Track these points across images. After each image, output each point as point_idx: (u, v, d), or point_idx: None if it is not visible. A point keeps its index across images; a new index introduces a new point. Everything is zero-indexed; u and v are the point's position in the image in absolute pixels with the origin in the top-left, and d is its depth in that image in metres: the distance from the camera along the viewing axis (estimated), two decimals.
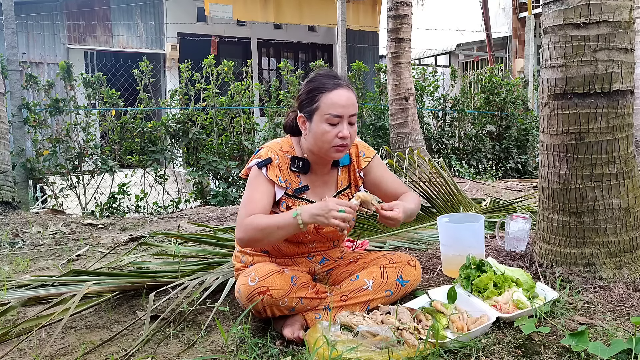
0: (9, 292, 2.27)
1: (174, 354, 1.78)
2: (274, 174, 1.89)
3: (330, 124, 1.82)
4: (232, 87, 6.40)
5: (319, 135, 1.84)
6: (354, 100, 1.86)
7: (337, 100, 1.82)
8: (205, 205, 5.73)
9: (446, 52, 13.91)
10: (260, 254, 2.00)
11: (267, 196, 1.87)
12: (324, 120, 1.82)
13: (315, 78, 1.90)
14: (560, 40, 2.05)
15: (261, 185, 1.88)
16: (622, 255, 2.07)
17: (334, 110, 1.81)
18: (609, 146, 2.03)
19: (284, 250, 1.98)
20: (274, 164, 1.90)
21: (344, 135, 1.82)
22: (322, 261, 2.05)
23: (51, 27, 9.95)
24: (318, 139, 1.85)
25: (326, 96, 1.83)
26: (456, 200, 3.20)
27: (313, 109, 1.84)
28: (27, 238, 3.92)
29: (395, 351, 1.55)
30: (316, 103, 1.83)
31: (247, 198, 1.87)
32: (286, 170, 1.92)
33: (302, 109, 1.89)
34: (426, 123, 7.64)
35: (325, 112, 1.82)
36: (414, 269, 1.99)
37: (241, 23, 11.58)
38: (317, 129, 1.84)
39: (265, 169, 1.88)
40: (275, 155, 1.91)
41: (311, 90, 1.86)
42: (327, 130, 1.82)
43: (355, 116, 1.87)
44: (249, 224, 1.79)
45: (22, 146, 5.56)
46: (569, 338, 1.55)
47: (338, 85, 1.85)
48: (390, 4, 6.07)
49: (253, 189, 1.88)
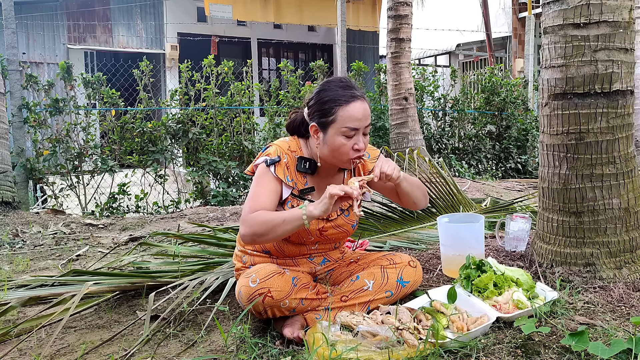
0: (9, 292, 2.27)
1: (174, 354, 1.78)
2: (282, 172, 1.88)
3: (347, 137, 1.81)
4: (232, 87, 6.41)
5: (336, 147, 1.83)
6: (369, 112, 1.86)
7: (355, 113, 1.81)
8: (205, 205, 5.73)
9: (446, 52, 13.91)
10: (261, 254, 1.99)
11: (273, 194, 1.86)
12: (340, 133, 1.81)
13: (330, 87, 1.86)
14: (560, 40, 2.05)
15: (268, 183, 1.87)
16: (622, 255, 2.06)
17: (351, 124, 1.80)
18: (609, 146, 2.03)
19: (286, 251, 1.97)
20: (282, 162, 1.89)
21: (359, 147, 1.83)
22: (323, 262, 2.05)
23: (51, 27, 9.95)
24: (335, 151, 1.84)
25: (343, 109, 1.80)
26: (456, 200, 3.20)
27: (329, 121, 1.82)
28: (27, 238, 3.92)
29: (395, 351, 1.55)
30: (332, 116, 1.81)
31: (253, 194, 1.86)
32: (293, 170, 1.91)
33: (315, 118, 1.86)
34: (426, 123, 7.64)
35: (342, 126, 1.80)
36: (414, 270, 1.99)
37: (241, 23, 11.58)
38: (332, 141, 1.83)
39: (274, 167, 1.87)
40: (283, 154, 1.91)
41: (326, 101, 1.83)
42: (344, 143, 1.81)
43: (369, 126, 1.87)
44: (253, 219, 1.78)
45: (22, 146, 5.56)
46: (569, 338, 1.55)
47: (354, 97, 1.82)
48: (390, 4, 6.07)
49: (260, 186, 1.87)
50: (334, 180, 2.00)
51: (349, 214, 2.00)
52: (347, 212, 2.00)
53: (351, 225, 2.01)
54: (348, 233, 2.03)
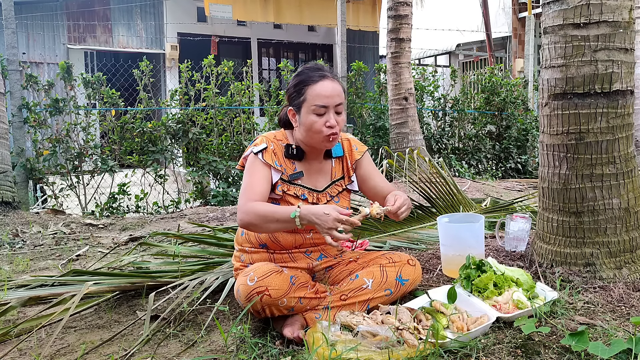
0: (9, 292, 2.27)
1: (174, 354, 1.78)
2: (270, 158, 1.96)
3: (318, 115, 1.89)
4: (232, 87, 6.41)
5: (308, 126, 1.90)
6: (339, 90, 1.92)
7: (322, 91, 1.89)
8: (205, 205, 5.73)
9: (446, 52, 13.91)
10: (258, 249, 2.01)
11: (265, 180, 1.94)
12: (311, 112, 1.89)
13: (302, 72, 1.97)
14: (560, 40, 2.05)
15: (258, 171, 1.94)
16: (622, 255, 2.06)
17: (320, 100, 1.88)
18: (609, 146, 2.03)
19: (282, 240, 1.99)
20: (269, 149, 1.97)
21: (331, 124, 1.89)
22: (320, 257, 2.06)
23: (51, 27, 9.94)
24: (308, 130, 1.91)
25: (312, 88, 1.90)
26: (456, 200, 3.20)
27: (300, 101, 1.92)
28: (27, 238, 3.92)
29: (395, 351, 1.55)
30: (303, 96, 1.91)
31: (246, 184, 1.93)
32: (281, 157, 1.99)
33: (291, 103, 1.97)
34: (426, 123, 7.64)
35: (311, 104, 1.89)
36: (413, 268, 1.99)
37: (241, 23, 11.58)
38: (305, 120, 1.91)
39: (262, 154, 1.96)
40: (270, 142, 1.99)
41: (298, 83, 1.94)
42: (315, 121, 1.89)
43: (342, 105, 1.93)
44: (250, 208, 1.85)
45: (22, 146, 5.56)
46: (569, 338, 1.55)
47: (323, 76, 1.91)
48: (390, 4, 6.07)
49: (251, 175, 1.94)
50: (323, 167, 2.06)
51: (339, 200, 2.05)
52: (337, 198, 2.05)
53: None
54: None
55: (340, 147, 2.09)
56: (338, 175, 2.09)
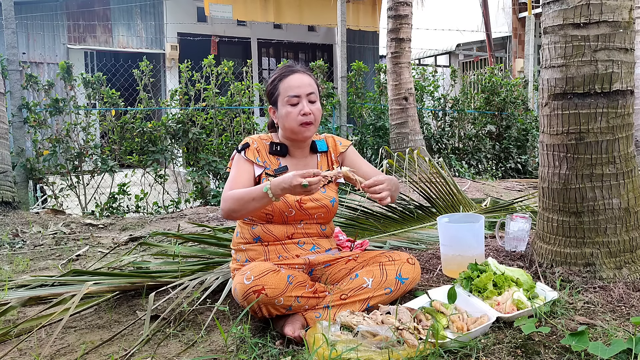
0: (9, 292, 2.27)
1: (174, 354, 1.78)
2: (252, 154, 2.09)
3: (292, 105, 2.02)
4: (232, 87, 6.41)
5: (285, 117, 2.04)
6: (308, 80, 2.06)
7: (293, 82, 2.03)
8: (205, 205, 5.73)
9: (446, 52, 13.91)
10: (253, 244, 2.06)
11: (247, 174, 2.06)
12: (285, 103, 2.03)
13: (276, 71, 2.12)
14: (560, 40, 2.05)
15: (241, 166, 2.08)
16: (622, 255, 2.06)
17: (292, 91, 2.02)
18: (609, 146, 2.03)
19: (274, 231, 2.05)
20: (252, 147, 2.11)
21: (305, 111, 2.01)
22: (313, 249, 2.08)
23: (51, 27, 9.94)
24: (285, 121, 2.04)
25: (283, 82, 2.05)
26: (456, 200, 3.20)
27: (276, 96, 2.06)
28: (27, 238, 3.92)
29: (395, 351, 1.55)
30: (277, 90, 2.06)
31: (230, 178, 2.07)
32: (265, 154, 2.11)
33: (270, 101, 2.11)
34: (426, 123, 7.64)
35: (285, 96, 2.03)
36: (412, 266, 1.99)
37: (241, 23, 11.58)
38: (282, 112, 2.04)
39: (244, 152, 2.09)
40: (254, 141, 2.13)
41: (272, 81, 2.09)
42: (290, 111, 2.02)
43: (314, 94, 2.05)
44: (228, 196, 1.97)
45: (22, 146, 5.56)
46: (569, 338, 1.55)
47: (293, 71, 2.06)
48: (390, 4, 6.07)
49: (234, 171, 2.09)
50: (308, 162, 2.16)
51: (326, 191, 2.12)
52: (323, 189, 2.12)
53: (329, 200, 2.11)
54: (328, 209, 2.11)
55: (325, 144, 2.22)
56: (324, 168, 2.18)
